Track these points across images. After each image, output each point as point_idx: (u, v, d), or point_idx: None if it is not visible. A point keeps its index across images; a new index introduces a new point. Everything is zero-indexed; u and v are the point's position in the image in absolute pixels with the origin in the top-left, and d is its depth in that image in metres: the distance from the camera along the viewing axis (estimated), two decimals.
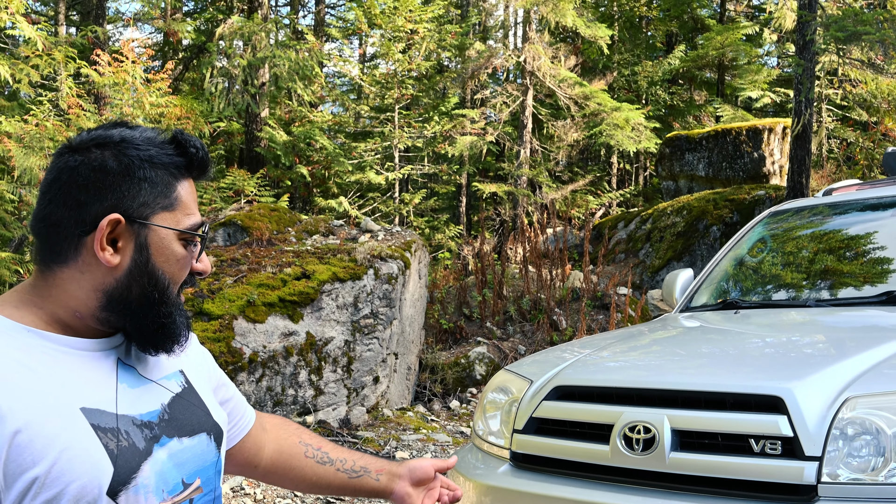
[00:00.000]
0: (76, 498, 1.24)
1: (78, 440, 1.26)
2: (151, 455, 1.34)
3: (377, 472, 1.86)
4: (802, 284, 4.04)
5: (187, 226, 1.38)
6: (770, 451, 2.54)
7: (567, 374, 3.14)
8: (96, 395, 1.32)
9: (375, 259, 8.93)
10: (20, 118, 10.88)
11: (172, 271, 1.38)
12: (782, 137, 13.35)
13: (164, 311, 1.37)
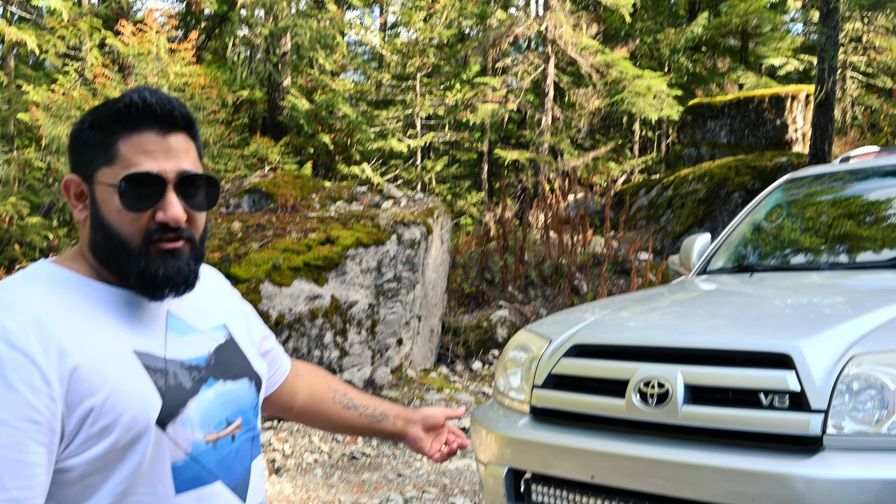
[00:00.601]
0: (128, 426, 1.39)
1: (130, 377, 1.42)
2: (198, 394, 1.50)
3: (395, 418, 2.04)
4: (817, 249, 4.15)
5: (121, 177, 1.45)
6: (778, 404, 2.66)
7: (585, 333, 3.27)
8: (147, 340, 1.48)
9: (398, 225, 9.06)
10: (47, 88, 11.05)
11: (120, 223, 1.46)
12: (805, 105, 13.32)
13: (132, 262, 1.46)
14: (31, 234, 10.85)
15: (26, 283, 1.46)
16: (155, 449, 1.43)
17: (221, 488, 1.52)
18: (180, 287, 1.51)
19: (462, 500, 6.01)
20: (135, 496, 1.42)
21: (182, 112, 1.51)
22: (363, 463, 7.03)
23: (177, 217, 1.46)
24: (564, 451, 3.03)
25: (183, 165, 1.48)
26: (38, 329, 1.37)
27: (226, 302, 1.74)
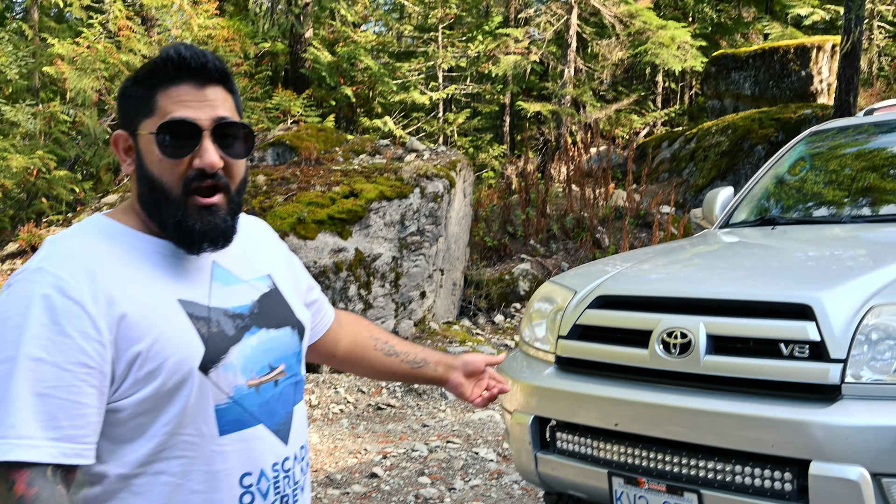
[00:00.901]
0: (173, 371, 1.49)
1: (174, 324, 1.51)
2: (240, 341, 1.58)
3: (435, 364, 2.12)
4: (840, 201, 4.18)
5: (159, 125, 1.53)
6: (798, 354, 2.73)
7: (609, 285, 3.34)
8: (192, 290, 1.57)
9: (421, 178, 9.12)
10: (72, 41, 11.09)
11: (161, 171, 1.54)
12: (831, 55, 13.17)
13: (171, 211, 1.54)
14: (58, 187, 10.97)
15: (80, 235, 1.56)
16: (198, 392, 1.52)
17: (264, 431, 1.60)
18: (217, 242, 1.59)
19: (485, 450, 6.14)
20: (181, 436, 1.52)
21: (216, 65, 1.58)
22: (388, 413, 7.18)
23: (212, 163, 1.53)
24: (589, 400, 3.11)
25: (219, 113, 1.56)
26: (89, 279, 1.47)
27: (271, 252, 1.81)
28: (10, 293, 1.48)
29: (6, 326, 1.45)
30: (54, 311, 1.43)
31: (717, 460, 2.81)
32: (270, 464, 1.61)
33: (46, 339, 1.42)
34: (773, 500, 2.68)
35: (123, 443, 1.51)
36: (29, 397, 1.41)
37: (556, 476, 3.27)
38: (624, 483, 2.99)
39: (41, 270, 1.47)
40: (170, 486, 1.52)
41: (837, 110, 10.95)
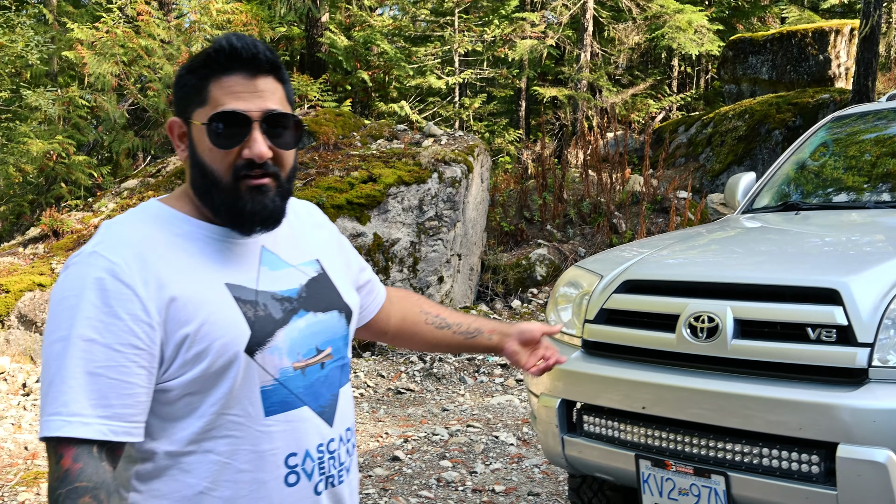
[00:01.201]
0: (220, 353, 1.54)
1: (221, 308, 1.56)
2: (288, 324, 1.63)
3: (490, 333, 2.13)
4: (863, 187, 4.20)
5: (210, 116, 1.57)
6: (825, 338, 2.76)
7: (636, 269, 3.38)
8: (240, 274, 1.62)
9: (439, 163, 9.15)
10: (91, 26, 11.13)
11: (212, 160, 1.58)
12: (849, 39, 13.10)
13: (222, 197, 1.59)
14: (77, 172, 11.03)
15: (133, 220, 1.62)
16: (244, 374, 1.56)
17: (309, 412, 1.65)
18: (267, 222, 1.63)
19: (505, 433, 6.19)
20: (228, 416, 1.57)
21: (267, 56, 1.61)
22: (408, 398, 7.23)
23: (261, 153, 1.57)
24: (616, 383, 3.15)
25: (269, 105, 1.59)
26: (140, 263, 1.52)
27: (321, 237, 1.85)
28: (66, 275, 1.55)
29: (62, 307, 1.51)
30: (106, 293, 1.49)
31: (744, 443, 2.84)
32: (315, 445, 1.65)
33: (98, 321, 1.48)
34: (801, 482, 2.72)
35: (173, 421, 1.57)
36: (81, 376, 1.47)
37: (582, 458, 3.31)
38: (651, 465, 3.03)
39: (95, 254, 1.53)
40: (218, 465, 1.57)
41: (856, 95, 10.91)
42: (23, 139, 10.28)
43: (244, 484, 1.58)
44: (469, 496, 5.14)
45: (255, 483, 1.59)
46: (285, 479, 1.61)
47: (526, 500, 5.08)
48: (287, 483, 1.62)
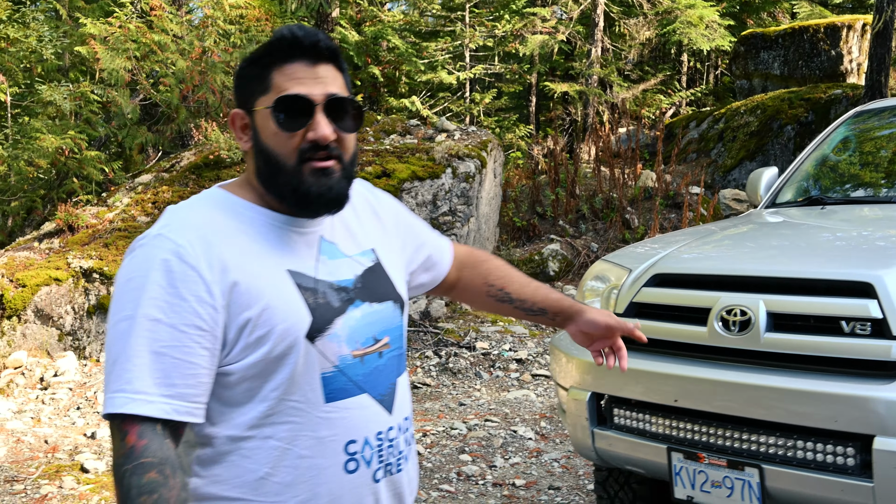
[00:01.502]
0: (281, 338, 1.57)
1: (283, 293, 1.59)
2: (345, 313, 1.65)
3: (553, 314, 2.07)
4: (888, 181, 4.20)
5: (275, 100, 1.61)
6: (860, 331, 2.77)
7: (666, 263, 3.39)
8: (300, 262, 1.65)
9: (453, 158, 9.16)
10: (104, 21, 11.14)
11: (277, 144, 1.61)
12: (861, 35, 13.08)
13: (286, 181, 1.62)
14: (89, 167, 11.05)
15: (198, 205, 1.65)
16: (305, 360, 1.59)
17: (368, 400, 1.67)
18: (332, 204, 1.66)
19: (523, 428, 6.21)
20: (289, 402, 1.59)
21: (327, 44, 1.66)
22: (424, 392, 7.25)
23: (325, 135, 1.60)
24: (647, 376, 3.17)
25: (331, 90, 1.63)
26: (205, 247, 1.55)
27: (377, 224, 1.86)
28: (133, 257, 1.58)
29: (128, 287, 1.54)
30: (172, 275, 1.52)
31: (778, 435, 2.86)
32: (375, 432, 1.67)
33: (164, 301, 1.51)
34: (836, 474, 2.73)
35: (234, 405, 1.59)
36: (146, 355, 1.49)
37: (613, 451, 3.33)
38: (683, 458, 3.05)
39: (161, 237, 1.56)
40: (278, 451, 1.59)
41: (868, 90, 10.89)
42: (36, 134, 10.30)
43: (304, 470, 1.60)
44: (490, 490, 5.16)
45: (314, 469, 1.61)
46: (345, 465, 1.63)
47: (547, 493, 5.10)
48: (346, 470, 1.63)
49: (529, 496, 5.08)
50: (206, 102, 9.99)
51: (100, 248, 8.00)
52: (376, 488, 1.68)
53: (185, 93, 10.06)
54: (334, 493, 1.62)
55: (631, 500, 3.81)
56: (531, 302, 2.07)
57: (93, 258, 7.79)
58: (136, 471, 1.46)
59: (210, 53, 9.74)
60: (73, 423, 6.39)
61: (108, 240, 8.19)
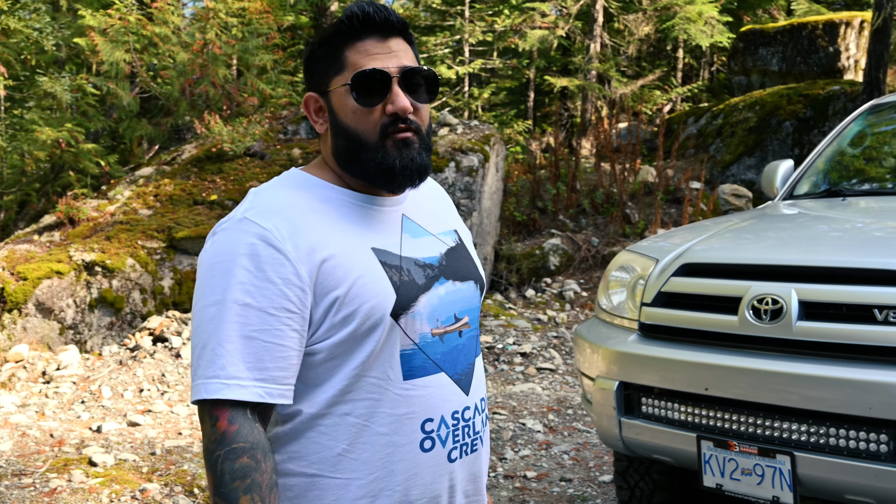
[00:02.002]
0: (367, 315, 1.56)
1: (370, 272, 1.58)
2: (429, 290, 1.65)
3: None
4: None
5: (352, 77, 1.61)
6: (893, 319, 2.78)
7: (695, 253, 3.39)
8: (384, 239, 1.64)
9: (456, 152, 9.15)
10: (103, 12, 11.09)
11: (357, 122, 1.61)
12: (859, 32, 13.13)
13: (369, 157, 1.61)
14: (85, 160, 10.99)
15: (280, 187, 1.65)
16: (387, 337, 1.59)
17: (445, 379, 1.66)
18: (414, 176, 1.65)
19: (532, 421, 6.21)
20: (368, 378, 1.59)
21: (397, 18, 1.66)
22: None
23: (404, 107, 1.60)
24: (678, 365, 3.17)
25: (404, 62, 1.63)
26: (290, 229, 1.55)
27: (454, 212, 1.89)
28: (215, 241, 1.57)
29: (214, 272, 1.54)
30: (259, 258, 1.52)
31: (810, 423, 2.86)
32: (451, 412, 1.66)
33: (252, 286, 1.51)
34: (869, 460, 2.74)
35: (316, 385, 1.59)
36: (237, 339, 1.49)
37: (641, 440, 3.33)
38: (713, 446, 3.05)
39: (245, 220, 1.56)
40: (355, 427, 1.59)
41: (867, 87, 10.94)
42: (33, 127, 10.25)
43: (381, 447, 1.60)
44: (501, 482, 5.16)
45: (391, 446, 1.61)
46: (421, 444, 1.63)
47: (559, 485, 5.10)
48: (423, 448, 1.63)
49: (541, 488, 5.09)
50: (207, 95, 9.95)
51: (102, 241, 7.96)
52: (451, 468, 1.67)
53: (186, 85, 10.01)
54: (410, 472, 1.62)
55: (651, 490, 3.81)
56: None
57: (95, 251, 7.76)
58: (229, 456, 1.46)
59: (211, 46, 9.71)
60: (77, 417, 6.36)
61: (110, 233, 8.15)
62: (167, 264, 7.69)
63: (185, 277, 7.68)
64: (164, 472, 5.02)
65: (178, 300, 7.65)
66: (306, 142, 9.51)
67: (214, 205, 8.37)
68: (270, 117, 9.76)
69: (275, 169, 8.83)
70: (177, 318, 7.48)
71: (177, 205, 8.43)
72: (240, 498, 1.45)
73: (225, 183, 8.71)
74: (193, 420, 6.15)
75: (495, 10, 14.24)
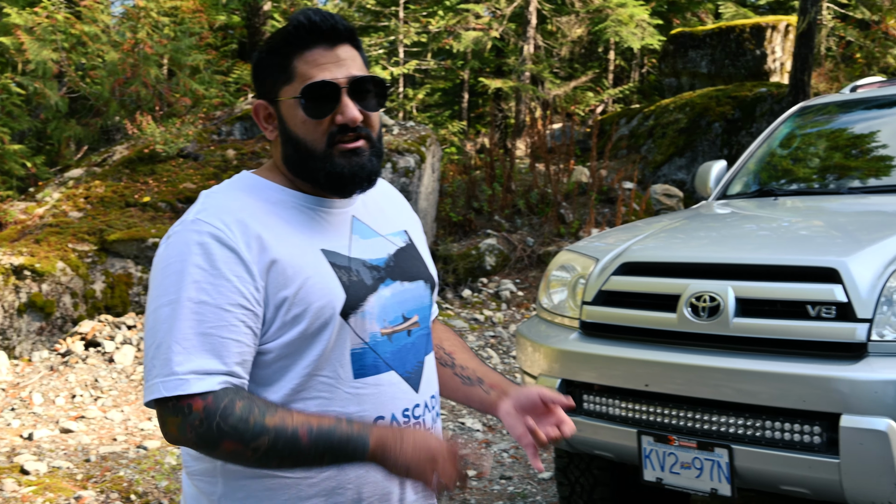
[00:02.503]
0: (317, 315, 1.59)
1: (319, 272, 1.61)
2: (377, 291, 1.68)
3: (490, 386, 1.88)
4: (835, 173, 4.36)
5: (301, 90, 1.62)
6: (825, 315, 2.88)
7: (634, 252, 3.46)
8: (334, 241, 1.67)
9: (393, 153, 9.16)
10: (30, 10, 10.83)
11: (305, 132, 1.63)
12: (784, 35, 13.49)
13: (318, 165, 1.64)
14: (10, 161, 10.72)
15: (231, 189, 1.67)
16: (337, 336, 1.61)
17: (395, 377, 1.69)
18: (364, 182, 1.68)
19: (471, 420, 6.25)
20: (319, 377, 1.61)
21: (344, 25, 1.67)
22: None
23: (353, 117, 1.63)
24: (618, 362, 3.23)
25: (352, 71, 1.65)
26: (241, 228, 1.57)
27: (407, 212, 1.91)
28: (169, 243, 1.59)
29: (168, 273, 1.55)
30: (212, 256, 1.54)
31: (747, 417, 2.95)
32: (401, 409, 1.69)
33: (207, 283, 1.52)
34: (803, 452, 2.83)
35: (267, 384, 1.61)
36: (193, 337, 1.51)
37: (582, 437, 3.38)
38: (654, 441, 3.12)
39: (198, 221, 1.58)
40: None
41: (793, 89, 11.22)
42: None
43: None
44: None
45: None
46: None
47: (499, 483, 5.15)
48: None
49: (482, 486, 5.13)
50: (138, 95, 9.79)
51: (30, 245, 7.77)
52: None
53: (116, 85, 9.83)
54: (361, 469, 1.63)
55: (592, 486, 3.87)
56: (471, 370, 1.92)
57: (23, 254, 7.57)
58: (226, 413, 1.48)
59: (143, 45, 9.55)
60: (8, 425, 6.20)
61: (39, 235, 7.96)
62: (99, 267, 7.55)
63: (117, 281, 7.55)
64: (100, 479, 4.93)
65: (110, 304, 7.51)
66: (241, 143, 9.42)
67: (147, 207, 8.24)
68: (204, 118, 9.64)
69: (209, 170, 8.73)
70: (109, 323, 7.35)
71: (108, 207, 8.27)
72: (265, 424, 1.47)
73: (158, 184, 8.58)
74: (128, 426, 6.05)
75: (430, 12, 14.29)
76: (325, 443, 1.49)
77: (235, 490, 1.61)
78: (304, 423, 1.49)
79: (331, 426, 1.50)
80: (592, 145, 10.83)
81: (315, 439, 1.48)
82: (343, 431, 1.50)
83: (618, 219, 9.90)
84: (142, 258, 7.62)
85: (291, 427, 1.48)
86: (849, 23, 14.16)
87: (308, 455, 1.50)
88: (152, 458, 5.32)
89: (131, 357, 7.00)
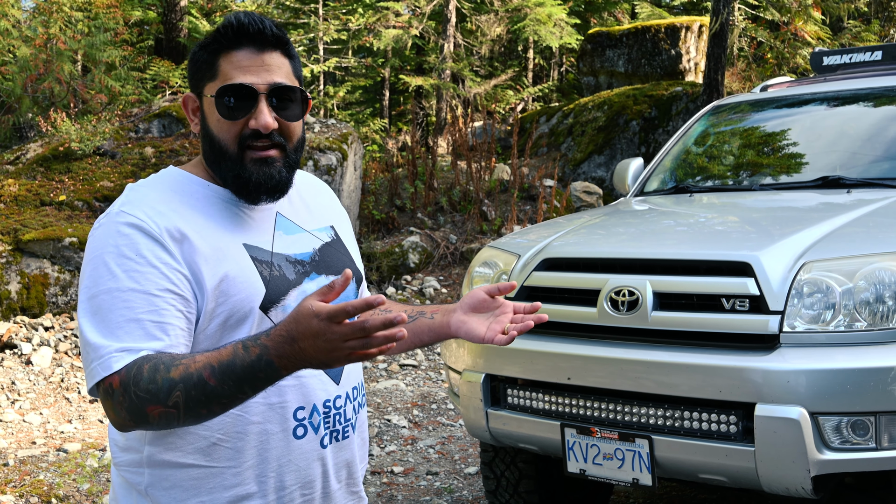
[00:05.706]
0: (235, 308, 1.62)
1: (240, 266, 1.64)
2: (300, 285, 1.70)
3: (432, 312, 1.90)
4: (748, 171, 4.50)
5: (218, 89, 1.65)
6: (739, 307, 2.98)
7: (555, 248, 3.52)
8: (256, 236, 1.70)
9: (314, 151, 9.12)
10: None
11: (219, 130, 1.66)
12: (698, 35, 13.81)
13: (228, 166, 1.67)
14: None
15: (156, 182, 1.69)
16: (258, 330, 1.62)
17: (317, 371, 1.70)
18: (272, 192, 1.69)
19: (397, 417, 6.27)
20: None
21: (273, 31, 1.69)
22: None
23: (266, 124, 1.64)
24: (541, 356, 3.29)
25: (275, 79, 1.66)
26: (165, 222, 1.59)
27: (335, 208, 1.93)
28: (94, 236, 1.61)
29: (96, 264, 1.56)
30: (137, 245, 1.56)
31: (666, 408, 3.03)
32: (322, 401, 1.72)
33: (135, 271, 1.54)
34: (721, 440, 2.93)
35: None
36: (125, 324, 1.52)
37: (507, 431, 3.43)
38: (576, 433, 3.18)
39: (122, 213, 1.60)
40: (230, 417, 1.63)
41: (707, 88, 11.49)
42: None
43: (255, 435, 1.65)
44: (369, 478, 5.19)
45: (265, 434, 1.66)
46: (294, 431, 1.69)
47: (426, 479, 5.18)
48: (295, 435, 1.69)
49: (409, 482, 5.15)
50: (51, 92, 9.54)
51: None
52: (324, 454, 1.73)
53: (29, 82, 9.58)
54: (283, 458, 1.67)
55: (517, 479, 3.92)
56: (410, 310, 1.95)
57: None
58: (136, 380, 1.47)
59: (56, 41, 9.31)
60: None
61: None
62: (14, 268, 7.33)
63: (33, 281, 7.35)
64: (19, 483, 4.81)
65: (26, 305, 7.31)
66: (159, 140, 9.26)
67: (63, 206, 8.04)
68: (120, 115, 9.45)
69: (126, 168, 8.56)
70: (26, 324, 7.16)
71: (22, 206, 8.05)
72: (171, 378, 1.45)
73: (74, 183, 8.38)
74: (47, 429, 5.92)
75: (349, 9, 14.23)
76: (232, 378, 1.44)
77: (161, 480, 1.63)
78: (204, 364, 1.45)
79: (230, 359, 1.44)
80: (513, 143, 10.94)
81: (221, 378, 1.44)
82: (243, 361, 1.44)
83: (539, 216, 10.02)
84: (58, 258, 7.44)
85: (196, 373, 1.45)
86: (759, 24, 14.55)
87: (225, 393, 1.45)
88: (73, 460, 5.22)
89: (49, 359, 6.84)
